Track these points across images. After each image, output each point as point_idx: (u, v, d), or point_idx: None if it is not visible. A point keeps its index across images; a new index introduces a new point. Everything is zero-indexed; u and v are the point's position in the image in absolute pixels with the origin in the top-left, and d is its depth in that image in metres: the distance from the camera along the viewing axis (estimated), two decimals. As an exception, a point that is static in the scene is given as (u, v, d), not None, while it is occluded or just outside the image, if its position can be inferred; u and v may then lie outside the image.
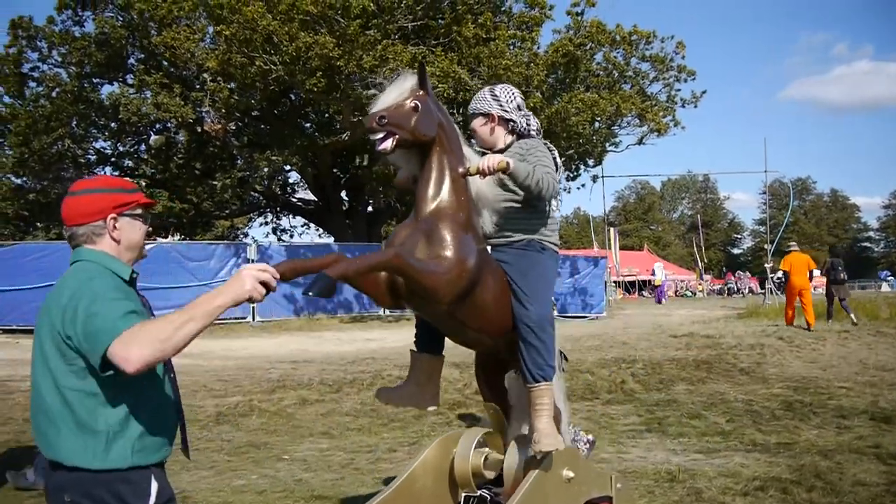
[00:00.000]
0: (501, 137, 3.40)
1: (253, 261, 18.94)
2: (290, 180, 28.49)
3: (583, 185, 37.16)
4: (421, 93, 2.96)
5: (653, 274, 38.18)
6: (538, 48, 18.16)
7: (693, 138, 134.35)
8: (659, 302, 33.65)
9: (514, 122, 3.39)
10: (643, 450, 6.62)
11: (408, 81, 2.96)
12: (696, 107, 21.78)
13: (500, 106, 3.35)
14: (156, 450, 2.14)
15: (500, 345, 3.25)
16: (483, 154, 3.39)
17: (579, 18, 18.93)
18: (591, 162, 23.11)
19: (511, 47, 17.16)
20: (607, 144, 21.05)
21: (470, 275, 2.87)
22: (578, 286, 23.07)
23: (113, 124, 21.04)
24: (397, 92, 2.92)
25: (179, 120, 18.79)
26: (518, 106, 3.41)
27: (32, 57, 19.52)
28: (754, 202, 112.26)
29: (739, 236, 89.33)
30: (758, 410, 8.12)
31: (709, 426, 7.45)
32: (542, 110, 17.32)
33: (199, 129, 20.86)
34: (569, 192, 25.94)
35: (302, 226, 33.87)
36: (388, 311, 21.10)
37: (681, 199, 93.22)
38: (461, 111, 19.22)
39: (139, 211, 2.27)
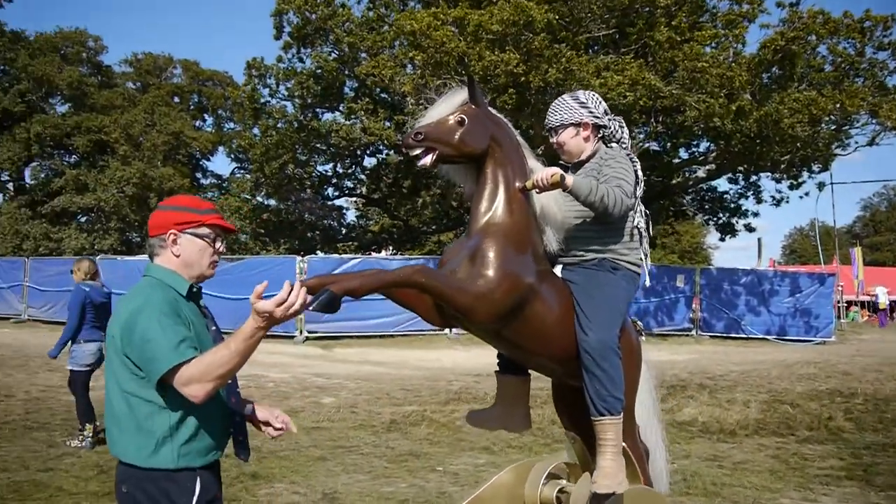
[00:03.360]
0: (590, 147, 3.17)
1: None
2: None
3: (806, 194, 33.34)
4: (471, 107, 2.88)
5: (875, 297, 33.68)
6: (743, 47, 16.67)
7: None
8: (882, 326, 30.05)
9: (605, 127, 3.17)
10: (836, 500, 5.72)
11: (458, 96, 2.90)
12: (951, 98, 18.52)
13: (590, 112, 3.13)
14: (202, 454, 2.29)
15: (570, 371, 2.99)
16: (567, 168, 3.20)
17: (795, 9, 17.07)
18: (815, 167, 20.68)
19: (710, 48, 15.96)
20: (833, 146, 18.65)
21: (515, 295, 2.69)
22: (800, 306, 20.68)
23: (331, 149, 23.13)
24: (446, 106, 2.87)
25: (386, 142, 20.12)
26: (605, 111, 3.19)
27: (264, 92, 22.18)
28: None
29: None
30: None
31: (931, 479, 6.22)
32: (751, 113, 15.88)
33: (404, 150, 22.18)
34: (787, 201, 23.46)
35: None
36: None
37: (949, 206, 79.61)
38: (659, 119, 18.31)
39: (203, 230, 2.40)
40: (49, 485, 5.61)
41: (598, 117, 3.14)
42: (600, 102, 3.19)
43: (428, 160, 2.79)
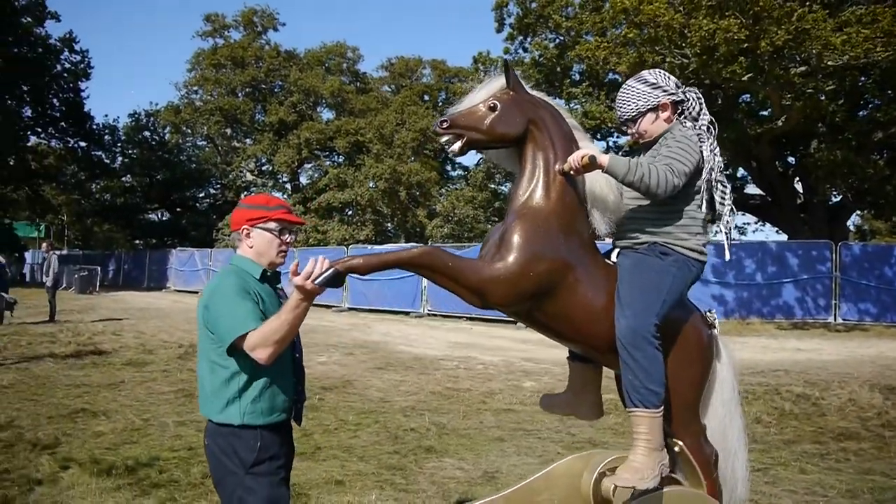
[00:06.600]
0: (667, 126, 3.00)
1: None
2: (736, 175, 26.96)
3: None
4: (508, 92, 2.86)
5: None
6: None
7: None
8: None
9: (684, 101, 2.99)
10: None
11: (496, 82, 2.90)
12: None
13: (664, 91, 2.95)
14: (264, 414, 2.67)
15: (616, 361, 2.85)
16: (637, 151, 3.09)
17: None
18: None
19: None
20: None
21: (539, 276, 2.67)
22: None
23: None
24: (483, 92, 2.88)
25: (609, 124, 19.65)
26: (676, 84, 3.00)
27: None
28: None
29: None
30: None
31: None
32: None
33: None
34: None
35: (756, 223, 31.90)
36: (840, 318, 18.20)
37: None
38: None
39: (271, 225, 2.79)
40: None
41: (673, 94, 2.95)
42: (669, 77, 3.02)
43: (456, 147, 2.82)
